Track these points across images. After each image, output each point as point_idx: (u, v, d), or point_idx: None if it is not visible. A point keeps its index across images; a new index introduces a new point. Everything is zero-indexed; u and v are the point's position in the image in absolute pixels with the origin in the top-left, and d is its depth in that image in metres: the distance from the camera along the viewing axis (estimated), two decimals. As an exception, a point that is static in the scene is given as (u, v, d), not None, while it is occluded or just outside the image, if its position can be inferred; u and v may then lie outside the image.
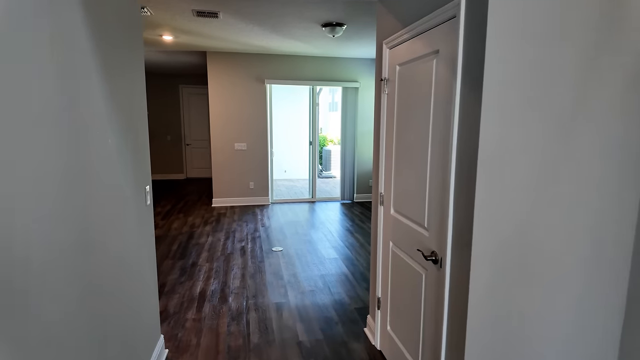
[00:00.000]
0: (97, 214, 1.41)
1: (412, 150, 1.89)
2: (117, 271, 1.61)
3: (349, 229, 5.14)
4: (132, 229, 1.82)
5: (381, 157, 2.27)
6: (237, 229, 5.05)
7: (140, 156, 1.97)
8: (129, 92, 1.82)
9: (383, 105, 2.21)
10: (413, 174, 1.88)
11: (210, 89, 6.11)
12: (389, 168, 2.18)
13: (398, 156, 2.06)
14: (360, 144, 6.74)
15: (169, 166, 9.17)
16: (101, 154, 1.46)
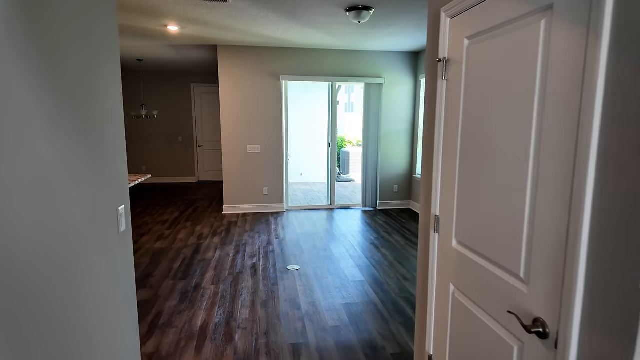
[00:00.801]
0: (19, 264, 0.87)
1: (496, 160, 1.30)
2: (66, 336, 1.07)
3: (374, 242, 4.54)
4: (93, 271, 1.28)
5: (436, 165, 1.68)
6: (248, 241, 4.52)
7: (108, 167, 1.44)
8: (86, 79, 1.28)
9: (440, 96, 1.62)
10: (497, 194, 1.28)
11: (221, 87, 5.61)
12: (449, 181, 1.59)
13: (467, 167, 1.47)
14: (384, 145, 6.14)
15: (180, 169, 8.74)
16: (20, 167, 0.92)
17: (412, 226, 5.23)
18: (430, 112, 1.76)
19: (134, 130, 8.46)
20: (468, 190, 1.46)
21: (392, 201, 6.31)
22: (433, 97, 1.73)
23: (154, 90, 8.40)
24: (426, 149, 1.82)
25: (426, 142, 1.82)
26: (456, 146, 1.53)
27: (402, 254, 4.11)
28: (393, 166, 6.22)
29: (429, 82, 1.77)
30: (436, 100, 1.66)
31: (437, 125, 1.66)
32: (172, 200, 6.86)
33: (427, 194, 1.81)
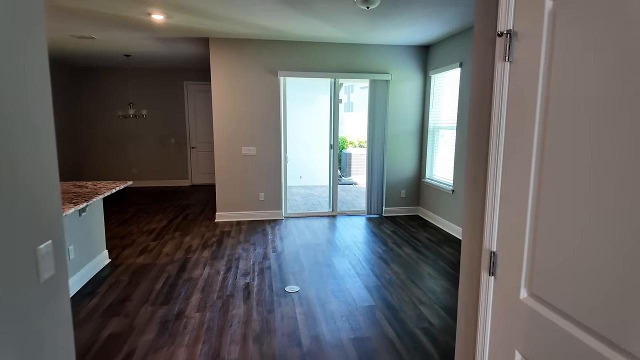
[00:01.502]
0: None
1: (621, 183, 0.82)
2: None
3: (382, 255, 4.07)
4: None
5: (492, 178, 1.21)
6: (242, 255, 4.04)
7: (19, 189, 0.96)
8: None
9: (500, 85, 1.15)
10: (617, 233, 0.81)
11: (213, 83, 5.13)
12: (515, 202, 1.12)
13: (553, 186, 1.00)
14: (390, 147, 5.67)
15: (173, 172, 8.26)
16: None
17: (422, 236, 4.77)
18: (480, 105, 1.29)
19: (123, 131, 7.98)
20: (556, 220, 0.98)
21: (399, 207, 5.84)
22: (486, 85, 1.26)
23: (144, 88, 7.92)
24: (474, 155, 1.35)
25: (474, 145, 1.35)
26: (530, 153, 1.06)
27: (414, 271, 3.65)
28: (400, 170, 5.76)
29: (477, 66, 1.30)
30: (493, 89, 1.18)
31: (495, 122, 1.18)
32: (163, 205, 6.38)
33: (474, 218, 1.34)
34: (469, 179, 1.37)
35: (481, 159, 1.30)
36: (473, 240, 1.34)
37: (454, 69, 4.78)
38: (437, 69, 5.18)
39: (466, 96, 4.50)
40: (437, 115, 5.36)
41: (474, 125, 1.34)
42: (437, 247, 4.35)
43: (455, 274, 3.58)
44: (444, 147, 5.20)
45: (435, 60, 5.29)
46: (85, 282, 3.35)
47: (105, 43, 5.40)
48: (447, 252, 4.21)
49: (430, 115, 5.49)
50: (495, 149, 1.19)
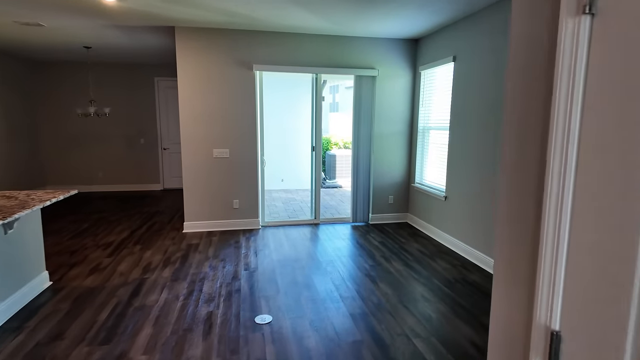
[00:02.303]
0: None
1: None
2: None
3: (369, 272, 3.60)
4: None
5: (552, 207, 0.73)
6: (208, 274, 3.51)
7: None
8: None
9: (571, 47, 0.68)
10: None
11: (180, 78, 4.58)
12: (611, 250, 0.65)
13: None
14: (377, 149, 5.21)
15: (143, 175, 7.64)
16: None
17: (413, 248, 4.32)
18: (528, 93, 0.81)
19: (87, 131, 7.31)
20: None
21: (386, 214, 5.39)
22: (538, 56, 0.78)
23: (109, 84, 7.27)
24: (514, 167, 0.87)
25: (514, 151, 0.87)
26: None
27: (406, 292, 3.18)
28: (388, 173, 5.31)
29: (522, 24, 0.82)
30: (561, 55, 0.71)
31: (561, 115, 0.71)
32: (128, 213, 5.77)
33: (515, 272, 0.86)
34: (505, 205, 0.90)
35: (529, 174, 0.83)
36: (512, 306, 0.87)
37: (447, 64, 4.35)
38: (428, 64, 4.75)
39: (461, 93, 4.08)
40: (427, 114, 4.93)
41: (514, 121, 0.86)
42: (430, 261, 3.91)
43: (452, 295, 3.13)
44: (435, 149, 4.77)
45: (425, 55, 4.86)
46: (13, 313, 2.77)
47: (59, 32, 4.78)
48: (441, 266, 3.77)
49: (420, 114, 5.06)
50: (561, 156, 0.72)
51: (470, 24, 3.90)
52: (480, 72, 3.76)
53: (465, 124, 4.02)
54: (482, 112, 3.73)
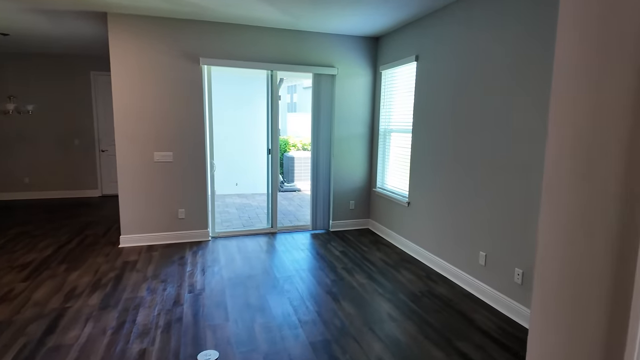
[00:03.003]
0: None
1: None
2: None
3: (331, 288, 3.28)
4: None
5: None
6: (144, 300, 3.02)
7: None
8: None
9: None
10: None
11: (113, 71, 4.01)
12: None
13: None
14: (338, 153, 4.92)
15: (79, 180, 6.83)
16: None
17: (375, 257, 4.06)
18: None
19: (7, 132, 6.40)
20: None
21: (348, 220, 5.12)
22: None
23: (34, 78, 6.41)
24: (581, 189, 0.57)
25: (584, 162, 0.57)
26: None
27: (372, 310, 2.90)
28: (349, 178, 5.03)
29: None
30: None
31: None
32: (57, 225, 5.05)
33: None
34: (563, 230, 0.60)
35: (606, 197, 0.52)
36: None
37: (409, 64, 4.15)
38: (389, 64, 4.52)
39: (424, 95, 3.88)
40: (388, 116, 4.71)
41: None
42: (394, 272, 3.67)
43: (420, 312, 2.89)
44: (397, 153, 4.56)
45: (386, 54, 4.63)
46: None
47: (-38, 13, 4.02)
48: (406, 278, 3.53)
49: (382, 116, 4.83)
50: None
51: (433, 21, 3.70)
52: (444, 73, 3.57)
53: (428, 127, 3.83)
54: (447, 115, 3.55)
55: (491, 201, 3.03)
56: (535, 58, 2.61)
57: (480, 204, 3.15)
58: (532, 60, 2.63)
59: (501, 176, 2.92)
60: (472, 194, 3.24)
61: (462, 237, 3.38)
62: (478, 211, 3.18)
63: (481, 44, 3.09)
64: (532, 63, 2.63)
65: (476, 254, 3.22)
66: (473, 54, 3.19)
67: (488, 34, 3.02)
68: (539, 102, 2.59)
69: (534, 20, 2.61)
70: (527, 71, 2.67)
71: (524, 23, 2.68)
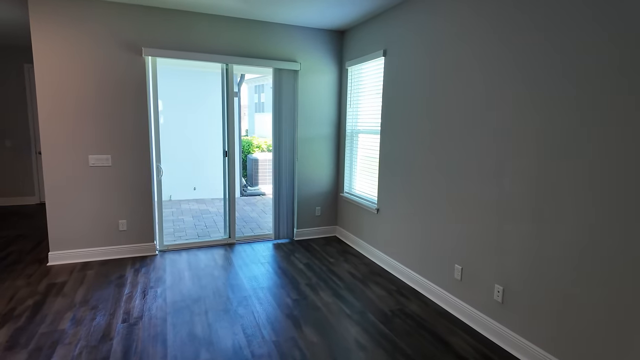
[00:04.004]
0: None
1: None
2: None
3: (292, 311, 2.89)
4: None
5: None
6: (66, 334, 2.50)
7: None
8: None
9: None
10: None
11: (36, 61, 3.42)
12: None
13: None
14: (302, 155, 4.54)
15: (13, 186, 6.04)
16: None
17: (342, 270, 3.71)
18: None
19: None
20: None
21: (313, 228, 4.74)
22: None
23: (-45, 68, 5.59)
24: None
25: None
26: None
27: (338, 337, 2.53)
28: (314, 182, 4.66)
29: None
30: None
31: None
32: (-25, 239, 4.34)
33: None
34: None
35: None
36: None
37: (376, 59, 3.83)
38: (355, 59, 4.19)
39: (392, 92, 3.57)
40: (355, 116, 4.38)
41: None
42: (363, 287, 3.32)
43: (392, 336, 2.56)
44: (365, 156, 4.24)
45: (352, 49, 4.30)
46: None
47: None
48: (375, 294, 3.20)
49: (348, 116, 4.50)
50: None
51: (402, 13, 3.40)
52: (413, 69, 3.27)
53: (398, 128, 3.52)
54: (419, 115, 3.25)
55: (467, 209, 2.75)
56: (520, 48, 2.33)
57: (456, 212, 2.86)
58: (515, 50, 2.36)
59: (478, 181, 2.64)
60: (446, 201, 2.95)
61: (436, 247, 3.09)
62: (453, 219, 2.89)
63: (454, 35, 2.81)
64: (516, 54, 2.35)
65: (451, 267, 2.93)
66: (447, 47, 2.90)
67: (463, 23, 2.74)
68: (529, 97, 2.32)
69: (511, 7, 2.33)
70: (510, 64, 2.39)
71: (497, 13, 2.41)
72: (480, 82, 2.60)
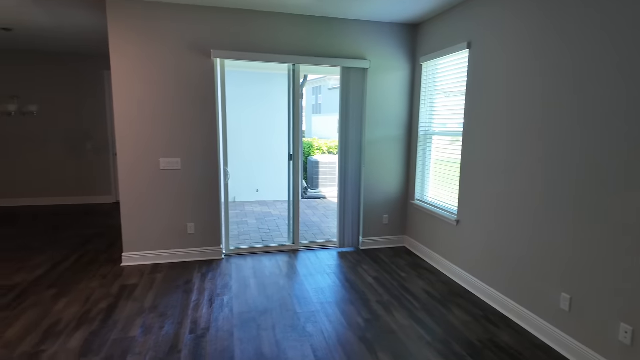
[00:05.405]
0: None
1: None
2: None
3: (365, 333, 2.61)
4: None
5: None
6: (136, 342, 2.45)
7: None
8: None
9: None
10: None
11: (113, 67, 3.50)
12: None
13: None
14: (370, 157, 4.25)
15: (92, 186, 6.45)
16: None
17: (417, 286, 3.36)
18: None
19: (11, 134, 6.08)
20: None
21: (380, 237, 4.42)
22: None
23: (41, 78, 6.05)
24: None
25: None
26: None
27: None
28: (382, 188, 4.34)
29: None
30: None
31: None
32: (59, 236, 4.62)
33: None
34: None
35: None
36: None
37: (458, 53, 3.43)
38: (431, 54, 3.81)
39: (479, 90, 3.15)
40: (430, 116, 3.99)
41: None
42: (443, 309, 2.96)
43: (486, 375, 2.18)
44: (442, 160, 3.84)
45: (428, 43, 3.92)
46: None
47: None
48: (459, 319, 2.82)
49: (422, 116, 4.12)
50: None
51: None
52: (509, 62, 2.84)
53: (488, 130, 3.10)
54: (515, 115, 2.81)
55: (582, 224, 2.28)
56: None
57: (570, 230, 2.40)
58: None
59: (603, 191, 2.17)
60: (553, 214, 2.50)
61: (536, 270, 2.64)
62: (561, 237, 2.43)
63: (570, 27, 2.35)
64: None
65: (556, 294, 2.47)
66: (559, 39, 2.45)
67: (582, 11, 2.28)
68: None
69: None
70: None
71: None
72: (604, 85, 2.13)
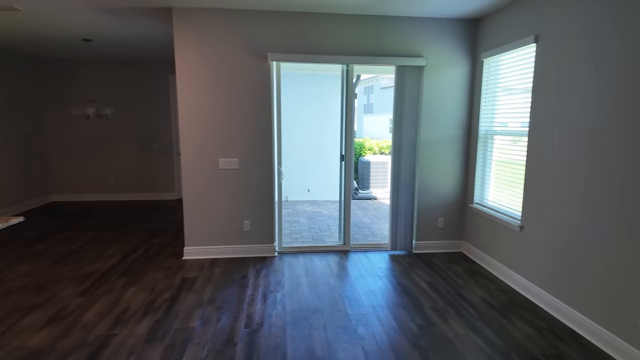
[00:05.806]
0: None
1: None
2: None
3: (419, 340, 2.53)
4: None
5: None
6: (195, 332, 2.58)
7: None
8: None
9: None
10: None
11: (178, 71, 3.72)
12: None
13: None
14: (425, 158, 4.12)
15: (157, 183, 6.93)
16: None
17: (474, 295, 3.20)
18: None
19: (88, 135, 6.68)
20: None
21: (435, 241, 4.28)
22: None
23: (115, 83, 6.60)
24: None
25: None
26: None
27: (478, 384, 2.10)
28: (438, 190, 4.19)
29: None
30: None
31: None
32: (130, 229, 5.02)
33: None
34: None
35: None
36: None
37: (524, 47, 3.21)
38: (493, 50, 3.61)
39: (548, 87, 2.92)
40: (491, 115, 3.78)
41: None
42: (503, 320, 2.78)
43: (553, 395, 2.01)
44: (504, 161, 3.62)
45: (489, 38, 3.72)
46: None
47: (49, 22, 4.06)
48: (521, 331, 2.64)
49: (482, 115, 3.92)
50: None
51: (566, -13, 2.74)
52: (581, 57, 2.60)
53: (557, 130, 2.87)
54: (589, 114, 2.57)
55: (670, 239, 2.03)
56: None
57: (648, 241, 2.15)
58: None
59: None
60: (638, 224, 2.25)
61: (613, 283, 2.39)
62: (643, 251, 2.18)
63: (655, 7, 2.10)
64: None
65: (637, 312, 2.22)
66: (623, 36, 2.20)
67: (670, -11, 2.02)
68: None
69: None
70: None
71: None
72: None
